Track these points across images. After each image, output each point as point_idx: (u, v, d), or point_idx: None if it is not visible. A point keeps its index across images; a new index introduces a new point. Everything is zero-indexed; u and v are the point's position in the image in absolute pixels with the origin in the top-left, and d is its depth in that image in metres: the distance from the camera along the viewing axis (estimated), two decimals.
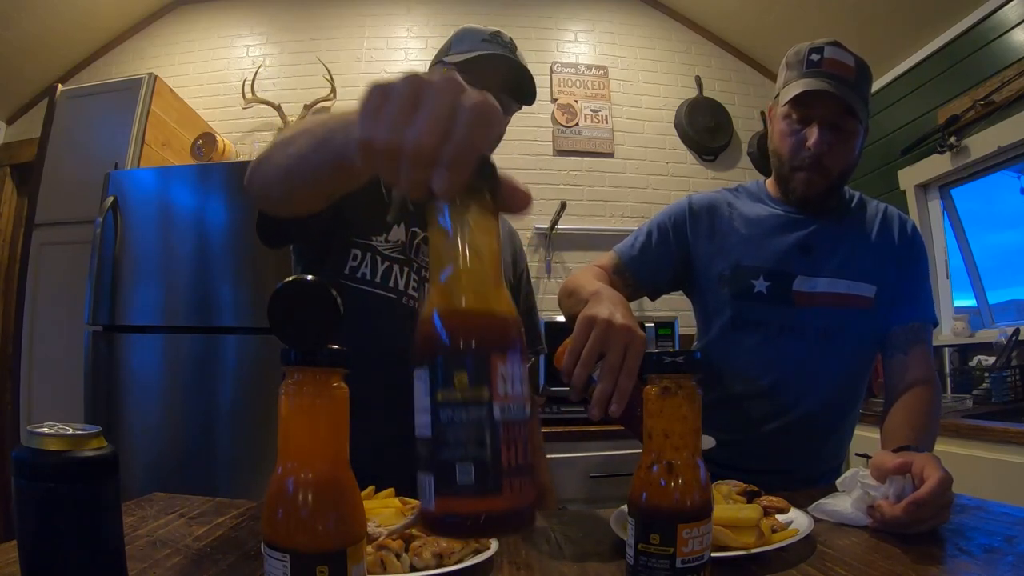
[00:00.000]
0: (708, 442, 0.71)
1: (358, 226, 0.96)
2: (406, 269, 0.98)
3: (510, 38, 1.05)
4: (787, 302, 1.01)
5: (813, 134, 0.96)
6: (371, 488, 0.70)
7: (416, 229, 1.00)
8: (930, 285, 1.10)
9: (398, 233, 0.99)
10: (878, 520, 0.69)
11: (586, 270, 1.06)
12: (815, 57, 0.97)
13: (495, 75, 1.00)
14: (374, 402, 0.72)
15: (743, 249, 1.04)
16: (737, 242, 1.05)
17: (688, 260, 1.08)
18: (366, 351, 0.63)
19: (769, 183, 1.13)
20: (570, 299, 0.95)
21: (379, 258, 0.96)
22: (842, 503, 0.74)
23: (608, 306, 0.71)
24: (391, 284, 0.96)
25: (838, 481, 0.78)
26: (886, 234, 1.08)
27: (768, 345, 1.01)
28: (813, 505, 0.75)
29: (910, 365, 1.01)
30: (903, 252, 1.07)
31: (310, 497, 0.36)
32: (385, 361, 0.91)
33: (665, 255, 1.07)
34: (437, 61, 1.05)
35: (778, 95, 1.03)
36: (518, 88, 1.03)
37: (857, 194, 1.12)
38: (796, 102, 0.96)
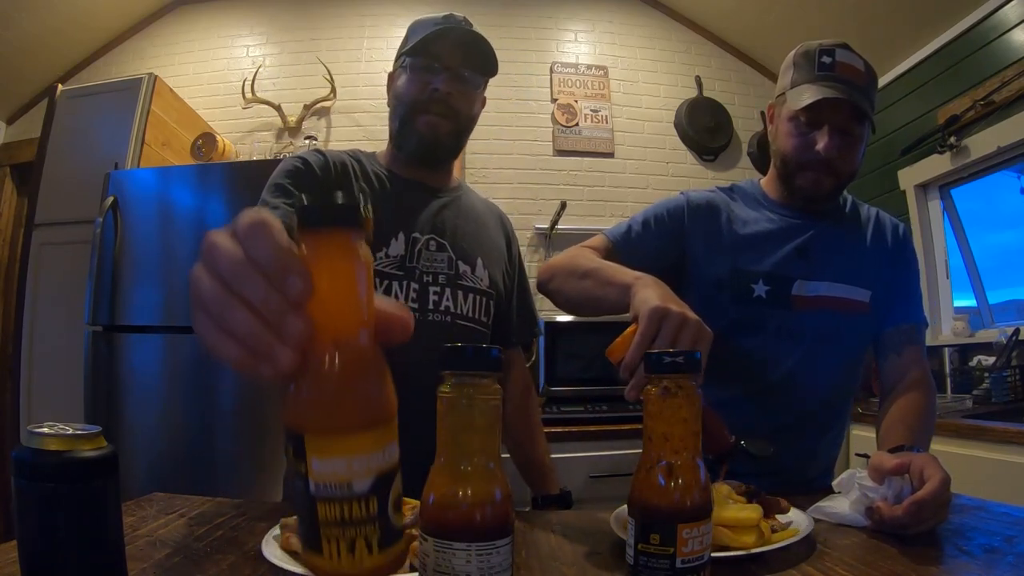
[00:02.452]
0: (765, 449, 0.71)
1: None
2: (405, 282, 0.96)
3: (464, 17, 1.02)
4: (786, 306, 1.01)
5: (824, 138, 0.95)
6: None
7: (417, 235, 0.99)
8: (920, 287, 1.11)
9: (397, 246, 0.97)
10: (877, 522, 0.69)
11: (580, 251, 1.03)
12: (826, 60, 0.95)
13: (453, 52, 0.99)
14: None
15: (742, 253, 1.03)
16: (735, 245, 1.04)
17: (682, 256, 1.06)
18: None
19: (764, 183, 1.12)
20: (585, 280, 0.91)
21: (378, 279, 0.94)
22: (840, 505, 0.74)
23: (672, 297, 0.69)
24: None
25: (835, 483, 0.78)
26: (880, 238, 1.08)
27: (765, 348, 1.01)
28: (811, 508, 0.75)
29: (904, 366, 1.02)
30: (896, 255, 1.08)
31: (334, 368, 0.32)
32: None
33: (660, 247, 1.05)
34: (398, 57, 1.04)
35: (783, 94, 1.01)
36: (478, 58, 1.01)
37: (849, 198, 1.12)
38: (808, 107, 0.94)
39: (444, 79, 0.98)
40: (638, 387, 0.64)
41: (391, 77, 1.06)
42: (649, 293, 0.70)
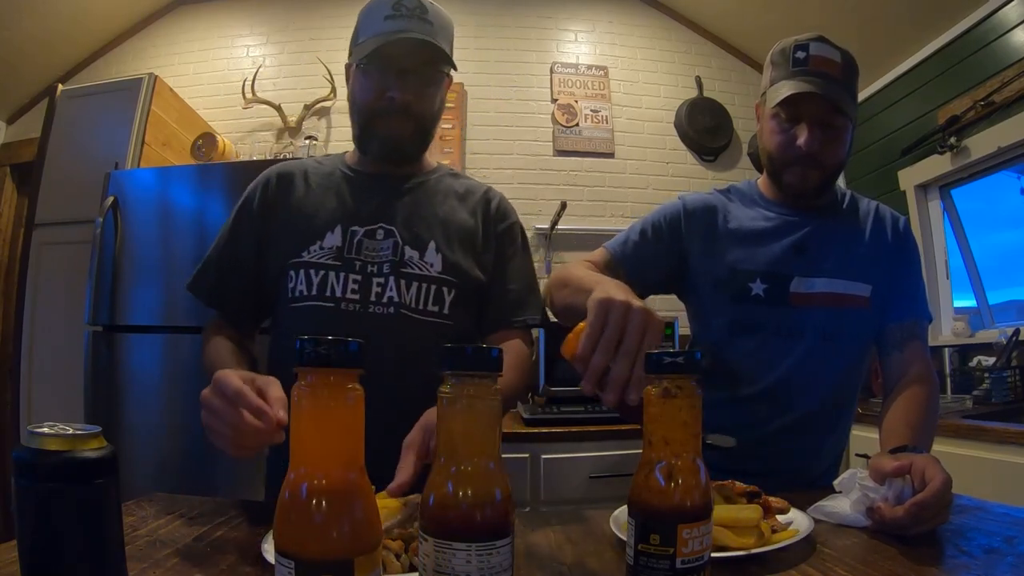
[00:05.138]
0: (727, 441, 0.71)
1: (289, 249, 0.96)
2: (342, 274, 0.94)
3: (418, 1, 0.94)
4: (784, 304, 1.01)
5: (803, 133, 0.96)
6: None
7: (356, 227, 0.97)
8: (923, 282, 1.10)
9: (333, 238, 0.96)
10: (878, 522, 0.69)
11: (576, 264, 1.04)
12: (800, 55, 0.97)
13: (407, 53, 0.93)
14: None
15: (739, 252, 1.04)
16: (732, 245, 1.04)
17: (682, 261, 1.07)
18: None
19: (761, 182, 1.12)
20: (564, 290, 0.93)
21: (312, 270, 0.94)
22: (841, 505, 0.74)
23: (621, 291, 0.69)
24: (328, 293, 0.94)
25: (836, 482, 0.78)
26: (880, 232, 1.08)
27: (766, 347, 1.01)
28: (812, 507, 0.75)
29: (907, 362, 1.01)
30: (897, 250, 1.07)
31: (323, 503, 0.35)
32: None
33: (658, 254, 1.06)
34: (351, 51, 1.00)
35: (764, 93, 1.03)
36: (434, 54, 0.94)
37: (848, 192, 1.12)
38: (784, 103, 0.96)
39: (399, 87, 0.94)
40: (591, 379, 0.64)
41: (348, 70, 1.01)
42: (600, 291, 0.70)
